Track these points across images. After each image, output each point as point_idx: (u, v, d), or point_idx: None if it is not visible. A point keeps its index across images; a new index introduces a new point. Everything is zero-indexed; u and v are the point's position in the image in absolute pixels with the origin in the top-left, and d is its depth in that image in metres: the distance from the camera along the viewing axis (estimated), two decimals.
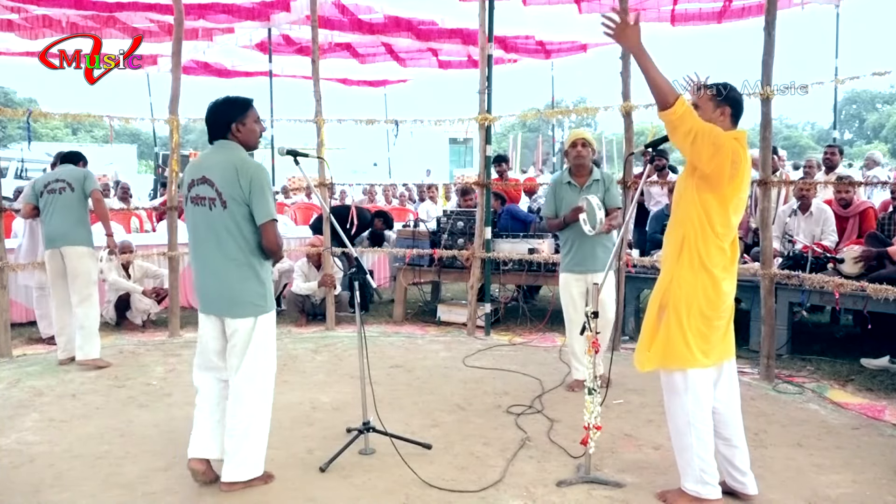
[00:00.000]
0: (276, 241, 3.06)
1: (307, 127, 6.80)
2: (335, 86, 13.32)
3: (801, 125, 58.30)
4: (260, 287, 3.10)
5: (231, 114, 3.09)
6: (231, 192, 2.99)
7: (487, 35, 6.27)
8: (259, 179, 3.02)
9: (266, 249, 3.07)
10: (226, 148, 3.09)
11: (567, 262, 4.69)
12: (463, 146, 30.07)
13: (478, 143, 7.15)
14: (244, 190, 2.99)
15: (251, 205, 3.00)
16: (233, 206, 3.00)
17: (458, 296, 7.99)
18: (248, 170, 3.01)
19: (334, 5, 9.22)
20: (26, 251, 6.08)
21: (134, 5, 8.59)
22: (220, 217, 3.02)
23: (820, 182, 6.45)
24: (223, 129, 3.09)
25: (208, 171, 3.05)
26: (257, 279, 3.09)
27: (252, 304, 3.08)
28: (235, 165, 3.00)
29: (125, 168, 20.60)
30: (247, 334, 3.09)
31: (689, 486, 2.95)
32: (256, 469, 3.17)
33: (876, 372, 5.07)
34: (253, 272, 3.08)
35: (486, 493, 3.13)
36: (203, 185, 3.04)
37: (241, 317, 3.08)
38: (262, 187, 3.01)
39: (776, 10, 4.84)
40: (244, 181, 2.98)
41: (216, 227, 3.03)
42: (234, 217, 3.01)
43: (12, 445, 3.71)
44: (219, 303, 3.10)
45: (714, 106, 2.91)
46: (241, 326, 3.08)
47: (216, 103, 3.14)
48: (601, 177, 4.70)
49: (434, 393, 4.70)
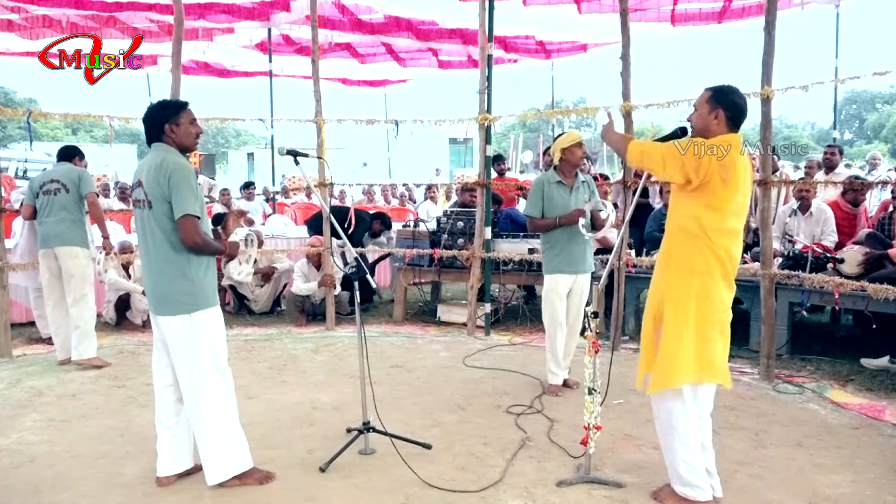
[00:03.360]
0: (192, 237, 3.01)
1: (307, 127, 6.80)
2: (335, 86, 13.34)
3: (801, 125, 58.32)
4: (188, 285, 3.08)
5: (165, 115, 3.12)
6: (154, 191, 3.03)
7: (487, 35, 6.27)
8: (177, 176, 3.01)
9: (184, 245, 3.04)
10: (157, 150, 3.12)
11: (557, 262, 4.58)
12: (463, 146, 30.08)
13: (478, 143, 7.15)
14: (163, 188, 3.01)
15: (171, 202, 3.01)
16: (156, 205, 3.04)
17: (458, 296, 7.98)
18: (168, 168, 3.02)
19: (334, 5, 9.23)
20: (23, 251, 6.07)
21: (134, 5, 8.60)
22: (148, 217, 3.07)
23: (820, 182, 6.45)
24: (158, 132, 3.12)
25: (141, 174, 3.11)
26: (184, 277, 3.07)
27: (180, 301, 3.07)
28: (158, 165, 3.04)
29: (125, 168, 20.59)
30: (182, 333, 3.08)
31: (678, 487, 2.98)
32: (237, 465, 3.17)
33: (876, 372, 5.07)
34: (180, 270, 3.07)
35: (486, 493, 3.14)
36: (138, 188, 3.12)
37: (171, 314, 3.08)
38: (179, 184, 3.00)
39: (776, 10, 4.84)
40: (163, 179, 3.00)
41: (147, 227, 3.09)
42: (157, 216, 3.05)
43: (12, 445, 3.72)
44: (152, 301, 3.17)
45: (709, 109, 2.91)
46: (172, 325, 3.08)
47: (151, 106, 3.19)
48: (585, 179, 4.72)
49: (434, 393, 4.70)
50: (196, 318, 3.08)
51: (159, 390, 3.24)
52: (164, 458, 3.22)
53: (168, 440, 3.22)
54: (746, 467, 3.42)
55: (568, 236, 4.51)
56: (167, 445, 3.22)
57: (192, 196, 3.02)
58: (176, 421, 3.22)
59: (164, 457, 3.22)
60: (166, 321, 3.09)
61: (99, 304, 6.42)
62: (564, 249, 4.56)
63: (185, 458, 3.25)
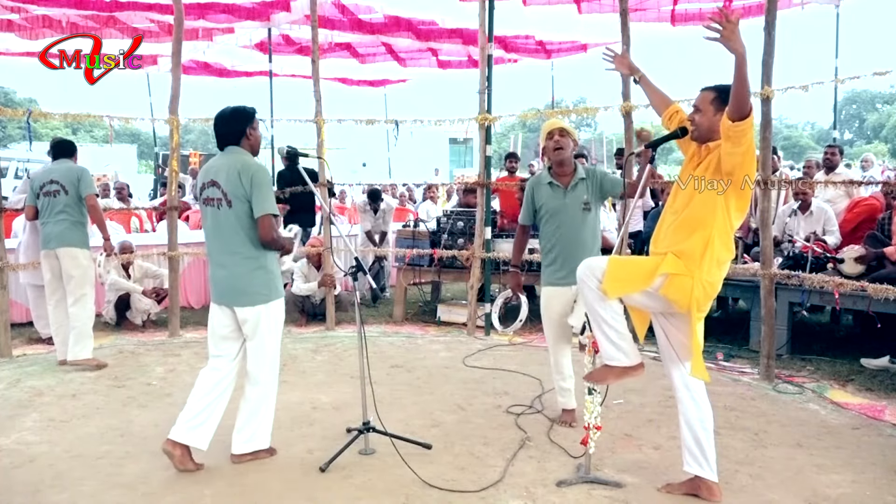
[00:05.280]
0: (270, 234, 3.28)
1: (307, 127, 6.81)
2: (335, 86, 13.32)
3: (801, 125, 58.34)
4: (265, 277, 3.36)
5: (245, 121, 3.41)
6: (235, 191, 3.27)
7: (487, 35, 6.28)
8: (259, 178, 3.29)
9: (261, 241, 3.30)
10: (233, 153, 3.38)
11: (550, 273, 3.96)
12: (463, 146, 30.12)
13: (478, 143, 7.15)
14: (245, 188, 3.25)
15: (252, 201, 3.26)
16: (236, 204, 3.28)
17: (458, 296, 7.98)
18: (250, 169, 3.29)
19: (334, 5, 9.22)
20: (27, 248, 6.06)
21: (134, 5, 8.59)
22: (225, 215, 3.31)
23: (820, 182, 6.45)
24: (236, 136, 3.38)
25: (216, 175, 3.34)
26: (262, 270, 3.36)
27: (258, 293, 3.34)
28: (239, 167, 3.28)
29: (125, 168, 20.62)
30: (255, 321, 3.35)
31: (707, 474, 3.00)
32: (263, 442, 3.51)
33: (876, 372, 5.08)
34: (257, 263, 3.34)
35: (486, 493, 3.13)
36: (212, 187, 3.34)
37: (249, 305, 3.34)
38: (260, 184, 3.28)
39: (776, 10, 4.84)
40: (245, 180, 3.26)
41: (223, 225, 3.33)
42: (237, 214, 3.29)
43: (12, 445, 3.71)
44: (228, 294, 3.38)
45: (714, 109, 2.89)
46: (249, 315, 3.35)
47: (227, 113, 3.43)
48: (587, 174, 3.93)
49: (434, 393, 4.70)
50: (269, 307, 3.37)
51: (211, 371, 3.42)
52: (187, 424, 3.31)
53: (200, 412, 3.33)
54: (746, 467, 3.42)
55: (565, 243, 3.88)
56: (197, 416, 3.33)
57: (273, 196, 3.33)
58: (216, 397, 3.37)
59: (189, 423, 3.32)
60: (244, 311, 3.34)
61: (99, 305, 6.43)
62: (558, 258, 3.90)
63: (206, 434, 3.35)
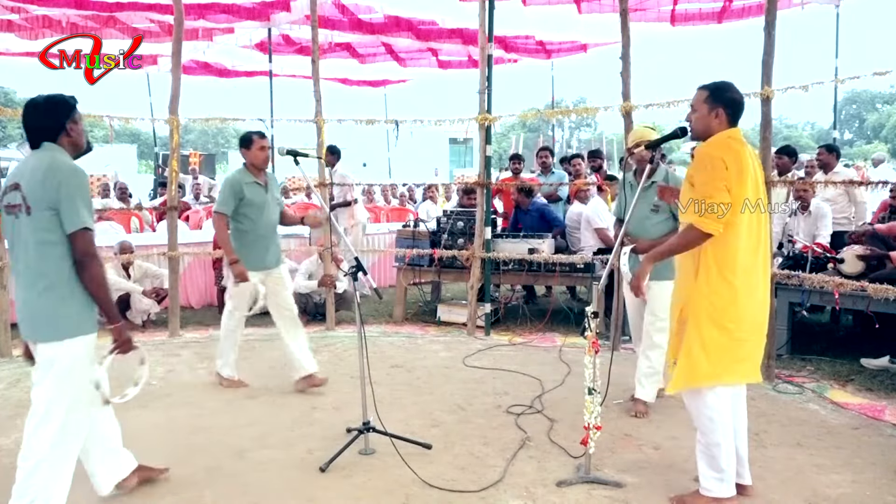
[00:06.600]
0: (87, 252, 2.62)
1: (307, 127, 6.80)
2: (335, 86, 13.34)
3: (801, 125, 58.39)
4: (67, 307, 2.63)
5: (63, 114, 2.72)
6: (35, 196, 2.59)
7: (487, 35, 6.27)
8: (70, 182, 2.59)
9: (78, 262, 2.62)
10: (45, 150, 2.68)
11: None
12: (463, 146, 30.14)
13: (478, 143, 7.15)
14: (51, 194, 2.58)
15: (60, 211, 2.58)
16: (36, 213, 2.59)
17: (458, 296, 7.98)
18: (58, 173, 2.60)
19: (334, 5, 9.23)
20: None
21: (134, 5, 8.60)
22: (26, 225, 2.62)
23: (819, 182, 6.46)
24: (52, 132, 2.69)
25: (20, 177, 2.67)
26: (65, 298, 2.63)
27: (55, 327, 2.63)
28: (44, 167, 2.61)
29: (125, 168, 20.61)
30: (48, 361, 2.65)
31: (709, 485, 2.93)
32: None
33: (876, 372, 5.07)
34: (59, 290, 2.63)
35: (486, 493, 3.14)
36: (13, 191, 2.66)
37: (43, 341, 2.65)
38: (72, 191, 2.59)
39: (776, 10, 4.84)
40: (51, 184, 2.57)
41: (23, 237, 2.64)
42: (36, 225, 2.60)
43: (12, 445, 3.71)
44: (23, 325, 2.71)
45: (709, 108, 2.91)
46: (43, 352, 2.66)
47: (40, 103, 2.72)
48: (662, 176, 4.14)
49: (434, 393, 4.70)
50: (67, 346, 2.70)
51: None
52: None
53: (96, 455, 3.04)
54: None
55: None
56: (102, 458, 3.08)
57: (88, 206, 2.67)
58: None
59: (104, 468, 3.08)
60: (41, 349, 2.72)
61: None
62: None
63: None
